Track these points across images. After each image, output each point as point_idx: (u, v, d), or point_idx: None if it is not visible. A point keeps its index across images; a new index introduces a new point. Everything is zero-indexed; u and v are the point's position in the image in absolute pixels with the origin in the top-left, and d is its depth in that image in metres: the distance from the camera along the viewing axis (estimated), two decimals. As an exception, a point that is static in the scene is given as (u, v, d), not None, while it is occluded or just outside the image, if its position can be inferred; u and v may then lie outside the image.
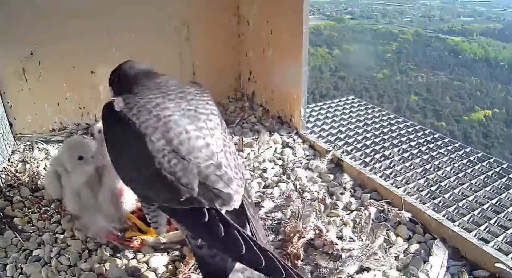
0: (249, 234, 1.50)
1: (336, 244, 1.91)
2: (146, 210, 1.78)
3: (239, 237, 1.37)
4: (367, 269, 1.83)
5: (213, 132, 1.61)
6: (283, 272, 1.32)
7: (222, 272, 1.48)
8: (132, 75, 1.85)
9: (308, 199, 2.30)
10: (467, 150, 3.31)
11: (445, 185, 2.79)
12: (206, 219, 1.43)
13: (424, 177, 2.88)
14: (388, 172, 2.95)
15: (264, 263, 1.33)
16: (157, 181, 1.51)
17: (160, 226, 1.84)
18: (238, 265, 1.48)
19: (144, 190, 1.60)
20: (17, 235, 2.08)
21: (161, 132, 1.52)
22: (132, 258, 1.95)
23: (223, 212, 1.47)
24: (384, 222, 2.13)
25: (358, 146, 3.35)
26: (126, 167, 1.66)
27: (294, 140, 3.04)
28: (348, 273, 1.80)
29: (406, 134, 3.59)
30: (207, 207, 1.45)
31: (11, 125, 3.04)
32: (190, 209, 1.48)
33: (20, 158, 2.84)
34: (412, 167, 3.02)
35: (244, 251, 1.35)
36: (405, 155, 3.21)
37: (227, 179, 1.50)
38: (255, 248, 1.35)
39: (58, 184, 2.09)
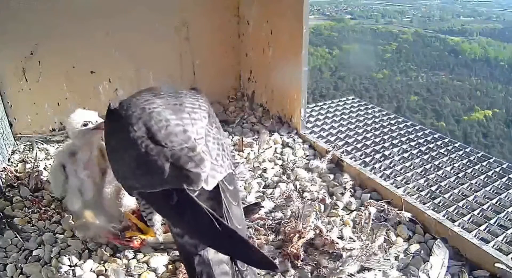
0: (223, 219, 1.47)
1: (337, 244, 1.91)
2: (141, 207, 1.79)
3: (207, 220, 1.34)
4: (368, 269, 1.83)
5: (195, 122, 1.64)
6: (251, 256, 1.32)
7: (204, 262, 1.45)
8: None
9: (308, 199, 2.30)
10: (467, 150, 3.30)
11: (445, 185, 2.78)
12: (174, 201, 1.44)
13: (424, 177, 2.88)
14: (388, 172, 2.95)
15: (230, 246, 1.33)
16: (135, 167, 1.56)
17: (155, 223, 1.85)
18: (223, 257, 1.46)
19: (128, 179, 1.64)
20: (17, 235, 2.08)
21: (143, 122, 1.60)
22: (132, 258, 1.94)
23: (195, 195, 1.45)
24: (384, 222, 2.12)
25: (358, 146, 3.34)
26: (117, 160, 1.71)
27: (294, 140, 3.04)
28: (349, 273, 1.80)
29: (406, 134, 3.59)
30: (176, 187, 1.45)
31: (11, 125, 3.04)
32: (161, 192, 1.49)
33: (20, 158, 2.84)
34: (412, 167, 3.02)
35: (210, 233, 1.34)
36: (405, 155, 3.21)
37: (199, 160, 1.50)
38: (221, 230, 1.33)
39: (62, 177, 2.06)
